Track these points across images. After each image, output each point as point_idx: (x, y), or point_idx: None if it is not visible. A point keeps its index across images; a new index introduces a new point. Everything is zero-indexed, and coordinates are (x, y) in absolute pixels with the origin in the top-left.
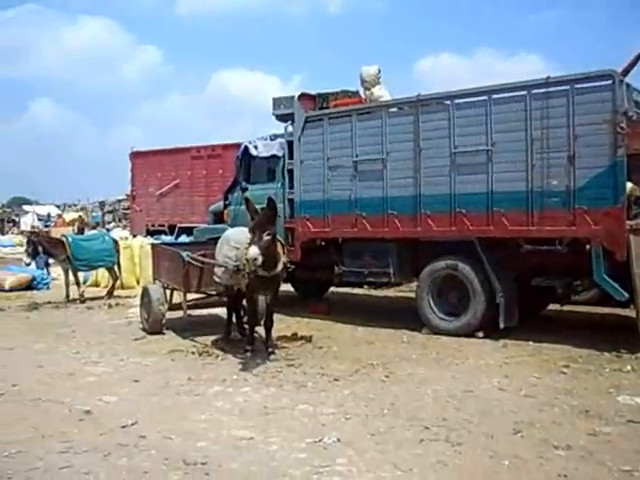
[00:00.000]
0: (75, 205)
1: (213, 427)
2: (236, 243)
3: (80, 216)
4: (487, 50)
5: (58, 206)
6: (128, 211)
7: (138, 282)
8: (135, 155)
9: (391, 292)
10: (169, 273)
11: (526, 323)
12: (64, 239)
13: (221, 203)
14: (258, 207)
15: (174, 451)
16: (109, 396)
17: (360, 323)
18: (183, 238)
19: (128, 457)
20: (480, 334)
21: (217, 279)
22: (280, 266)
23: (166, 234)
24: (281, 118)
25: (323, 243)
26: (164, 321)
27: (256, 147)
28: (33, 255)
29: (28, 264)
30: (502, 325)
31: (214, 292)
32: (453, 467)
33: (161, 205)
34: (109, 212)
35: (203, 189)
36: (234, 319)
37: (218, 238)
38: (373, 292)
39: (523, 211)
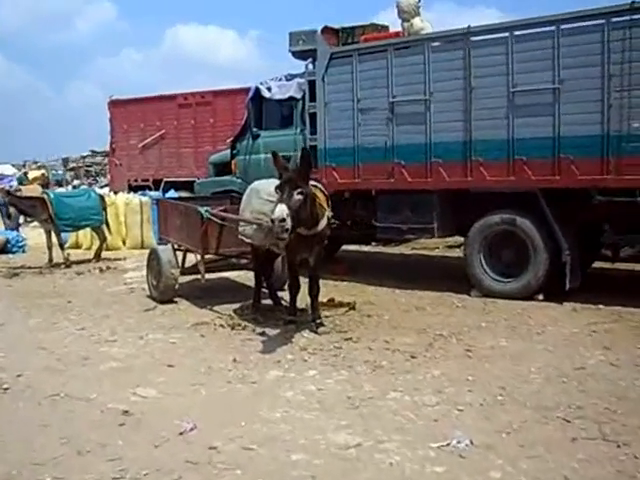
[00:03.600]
0: (36, 163)
1: (298, 429)
2: (269, 196)
3: (43, 174)
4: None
5: (17, 165)
6: (91, 168)
7: (124, 243)
8: (114, 104)
9: (403, 249)
10: (182, 232)
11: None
12: (45, 196)
13: (223, 153)
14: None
15: (266, 470)
16: (144, 388)
17: (393, 285)
18: (171, 193)
19: None
20: (540, 297)
21: (246, 239)
22: (323, 222)
23: (150, 189)
24: (300, 55)
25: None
26: (177, 287)
27: (269, 89)
28: (8, 216)
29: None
30: (568, 286)
31: (234, 253)
32: None
33: (144, 158)
34: (71, 170)
35: (191, 140)
36: (263, 283)
37: (225, 192)
38: (383, 249)
39: (597, 158)
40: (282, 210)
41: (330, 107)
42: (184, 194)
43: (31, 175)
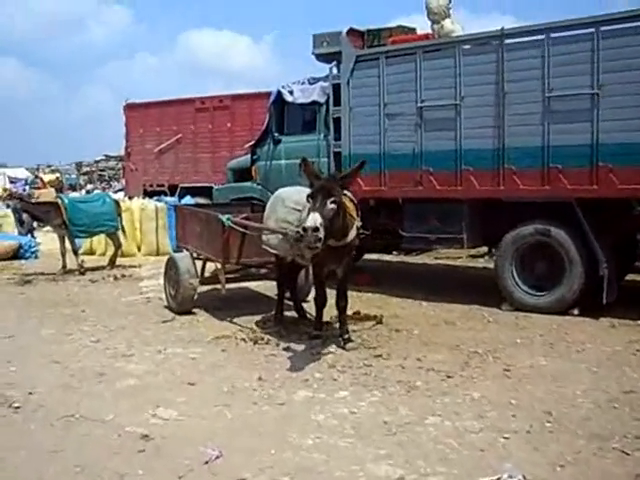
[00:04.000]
0: (49, 167)
1: (333, 459)
2: (296, 204)
3: (57, 177)
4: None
5: (30, 169)
6: (104, 173)
7: (139, 249)
8: (130, 108)
9: (425, 258)
10: (201, 240)
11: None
12: (59, 201)
13: (243, 159)
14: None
15: None
16: (164, 409)
17: (419, 296)
18: (187, 199)
19: None
20: (575, 311)
21: (270, 249)
22: (353, 233)
23: (166, 195)
24: (323, 58)
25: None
26: (196, 297)
27: (291, 92)
28: (21, 223)
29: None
30: (605, 300)
31: (256, 264)
32: None
33: (160, 163)
34: (84, 174)
35: (208, 145)
36: (287, 295)
37: (244, 199)
38: (404, 258)
39: (638, 167)
40: (316, 219)
41: (355, 112)
42: (201, 200)
43: (46, 179)
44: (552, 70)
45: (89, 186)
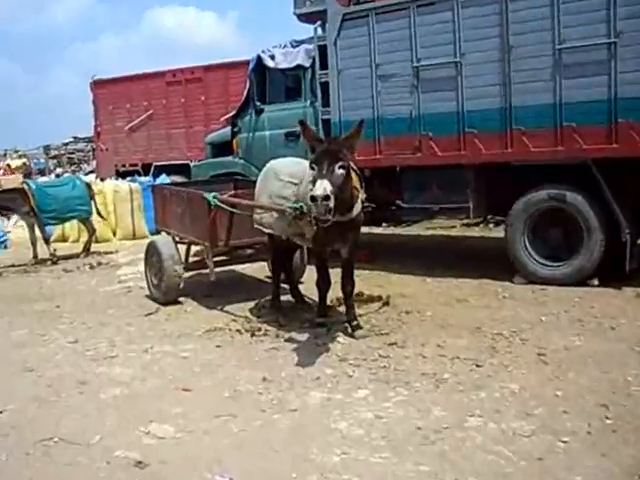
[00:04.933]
0: (17, 152)
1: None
2: (291, 177)
3: (24, 163)
4: None
5: None
6: (74, 155)
7: (115, 234)
8: (97, 84)
9: (416, 229)
10: (184, 223)
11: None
12: (25, 187)
13: (222, 131)
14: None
15: None
16: (159, 424)
17: (421, 272)
18: (162, 179)
19: None
20: (595, 282)
21: (264, 228)
22: (358, 207)
23: (140, 175)
24: (306, 18)
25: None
26: (182, 286)
27: (273, 57)
28: None
29: None
30: (629, 268)
31: (247, 245)
32: None
33: (132, 141)
34: (53, 157)
35: (182, 120)
36: (282, 278)
37: (226, 175)
38: (396, 230)
39: None
40: (325, 186)
41: (344, 75)
42: (177, 179)
43: (13, 164)
44: (563, 19)
45: (58, 170)
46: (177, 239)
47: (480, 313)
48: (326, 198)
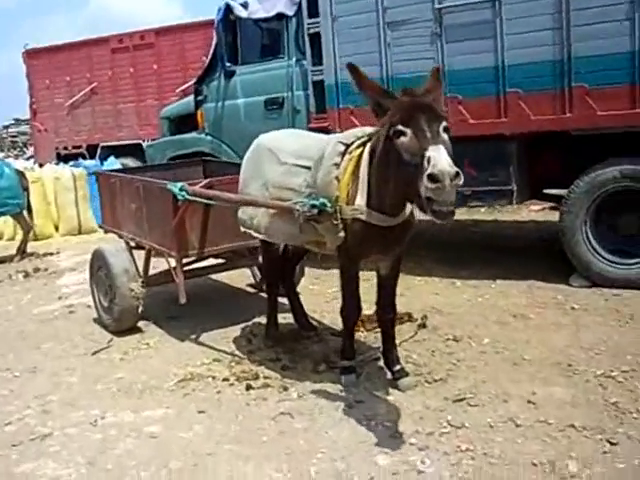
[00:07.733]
0: None
1: None
2: (298, 158)
3: None
4: None
5: None
6: (17, 139)
7: (57, 229)
8: (31, 55)
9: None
10: (141, 224)
11: None
12: None
13: (182, 102)
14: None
15: None
16: None
17: (447, 273)
18: (111, 162)
19: None
20: None
21: (259, 234)
22: (409, 206)
23: (84, 158)
24: None
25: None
26: (141, 309)
27: (245, 5)
28: None
29: None
30: None
31: (226, 254)
32: None
33: (74, 120)
34: None
35: (132, 93)
36: (281, 300)
37: (189, 155)
38: None
39: None
40: (448, 159)
41: (341, 23)
42: (129, 162)
43: None
44: None
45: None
46: (132, 244)
47: (556, 337)
48: (456, 175)
